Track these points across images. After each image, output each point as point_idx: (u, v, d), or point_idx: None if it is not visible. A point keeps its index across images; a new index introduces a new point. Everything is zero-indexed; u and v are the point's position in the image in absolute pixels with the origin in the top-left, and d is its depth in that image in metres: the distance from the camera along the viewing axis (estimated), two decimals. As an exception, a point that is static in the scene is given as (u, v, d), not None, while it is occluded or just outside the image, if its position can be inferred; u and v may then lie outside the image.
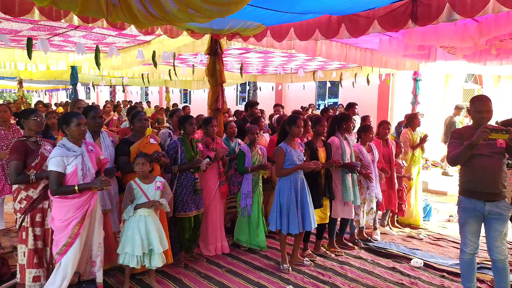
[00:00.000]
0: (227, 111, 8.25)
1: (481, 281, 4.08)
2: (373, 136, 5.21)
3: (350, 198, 4.66)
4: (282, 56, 8.65)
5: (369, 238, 5.36)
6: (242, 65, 9.27)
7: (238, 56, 8.72)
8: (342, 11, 4.24)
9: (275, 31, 4.99)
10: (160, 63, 8.72)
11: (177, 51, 6.73)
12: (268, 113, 8.07)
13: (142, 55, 6.75)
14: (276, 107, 7.83)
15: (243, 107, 6.64)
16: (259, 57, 9.01)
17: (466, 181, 3.44)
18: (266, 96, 14.40)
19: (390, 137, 5.71)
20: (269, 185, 5.37)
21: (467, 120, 10.10)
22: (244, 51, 7.97)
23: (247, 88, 18.61)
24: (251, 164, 4.70)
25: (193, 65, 10.05)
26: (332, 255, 4.80)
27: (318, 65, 10.15)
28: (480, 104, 3.33)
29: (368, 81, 10.15)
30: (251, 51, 7.84)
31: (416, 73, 9.22)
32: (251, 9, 3.87)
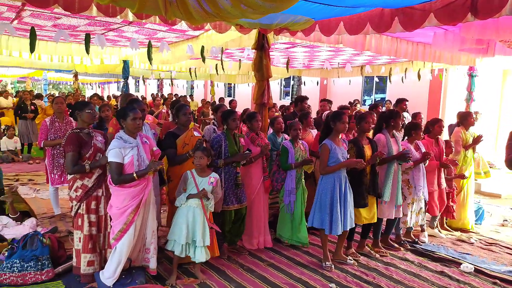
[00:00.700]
0: (273, 106, 8.26)
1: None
2: (422, 134, 5.02)
3: (388, 198, 4.50)
4: (328, 51, 8.50)
5: (416, 240, 5.18)
6: (289, 60, 9.21)
7: (284, 50, 8.67)
8: (396, 4, 4.08)
9: (324, 25, 4.90)
10: (208, 58, 8.86)
11: (225, 46, 6.81)
12: (313, 108, 7.97)
13: (191, 49, 6.89)
14: (322, 102, 7.71)
15: (287, 101, 6.60)
16: (305, 52, 8.91)
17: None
18: (310, 91, 14.20)
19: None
20: (312, 180, 5.30)
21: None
22: (290, 45, 7.90)
23: (291, 82, 18.51)
24: (294, 160, 4.68)
25: (239, 59, 10.12)
26: (377, 255, 4.68)
27: (365, 60, 9.88)
28: None
29: (419, 76, 9.76)
30: (297, 45, 7.76)
31: (471, 68, 8.76)
32: (301, 3, 3.81)
